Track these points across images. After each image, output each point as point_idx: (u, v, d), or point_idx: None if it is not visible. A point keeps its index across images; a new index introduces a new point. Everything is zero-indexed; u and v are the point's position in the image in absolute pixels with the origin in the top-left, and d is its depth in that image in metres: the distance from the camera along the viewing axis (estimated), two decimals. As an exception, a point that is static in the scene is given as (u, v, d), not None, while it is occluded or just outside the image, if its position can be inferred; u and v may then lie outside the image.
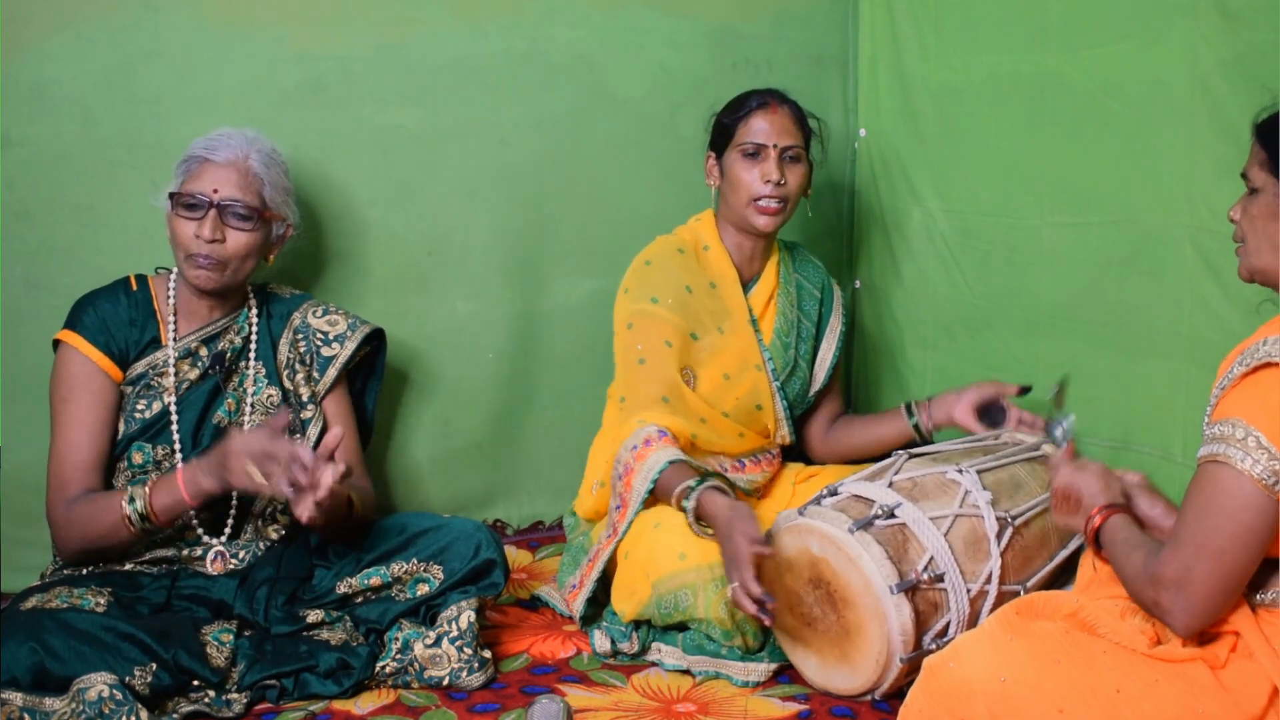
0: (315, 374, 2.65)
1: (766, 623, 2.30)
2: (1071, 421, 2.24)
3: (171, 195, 2.46)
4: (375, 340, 2.75)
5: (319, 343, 2.66)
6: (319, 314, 2.69)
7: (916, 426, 2.82)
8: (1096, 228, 2.69)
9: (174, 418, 2.50)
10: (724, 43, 3.25)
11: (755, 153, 2.73)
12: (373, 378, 2.79)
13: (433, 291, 3.09)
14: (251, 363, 2.60)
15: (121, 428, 2.49)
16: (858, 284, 3.41)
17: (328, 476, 2.24)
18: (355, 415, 2.73)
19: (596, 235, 3.07)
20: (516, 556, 3.02)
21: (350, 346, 2.67)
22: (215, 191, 2.46)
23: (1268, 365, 1.75)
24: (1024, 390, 2.70)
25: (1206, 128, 2.40)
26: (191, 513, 2.47)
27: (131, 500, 2.35)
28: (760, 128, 2.74)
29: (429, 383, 3.12)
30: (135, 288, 2.55)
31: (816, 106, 3.33)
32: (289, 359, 2.63)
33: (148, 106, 2.73)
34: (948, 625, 2.27)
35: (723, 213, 2.83)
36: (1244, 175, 1.90)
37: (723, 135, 2.79)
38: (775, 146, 2.72)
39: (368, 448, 2.80)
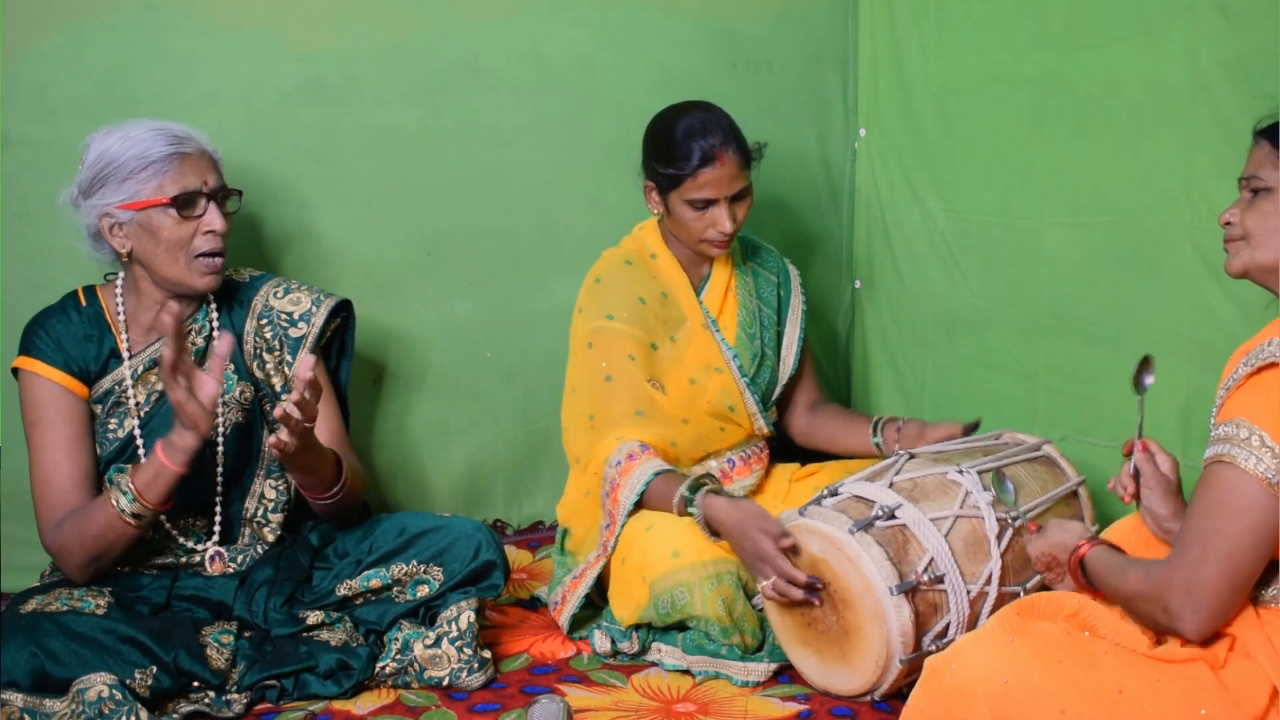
0: (287, 358, 2.56)
1: (817, 604, 2.29)
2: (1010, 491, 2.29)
3: (173, 200, 2.36)
4: (344, 313, 2.67)
5: (284, 324, 2.57)
6: (281, 294, 2.60)
7: (879, 446, 2.81)
8: (1096, 228, 2.69)
9: (139, 442, 2.44)
10: (724, 43, 3.24)
11: (705, 206, 2.64)
12: (344, 357, 2.70)
13: (433, 291, 3.09)
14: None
15: (97, 449, 2.45)
16: (857, 284, 3.40)
17: (303, 368, 2.21)
18: (335, 395, 2.65)
19: (596, 235, 3.06)
20: (516, 556, 3.02)
21: (318, 322, 2.58)
22: (205, 183, 2.41)
23: (1272, 365, 1.76)
24: (970, 429, 2.68)
25: (1206, 128, 2.40)
26: (175, 533, 2.47)
27: (117, 488, 2.31)
28: (710, 183, 2.60)
29: (428, 382, 3.12)
30: (85, 303, 2.49)
31: (816, 106, 3.36)
32: (256, 347, 2.56)
33: (148, 106, 2.71)
34: (947, 626, 2.27)
35: (668, 232, 2.78)
36: (1246, 179, 1.90)
37: (666, 180, 2.65)
38: (726, 198, 2.63)
39: (347, 432, 2.73)
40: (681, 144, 2.63)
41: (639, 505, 2.55)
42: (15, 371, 2.47)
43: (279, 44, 2.86)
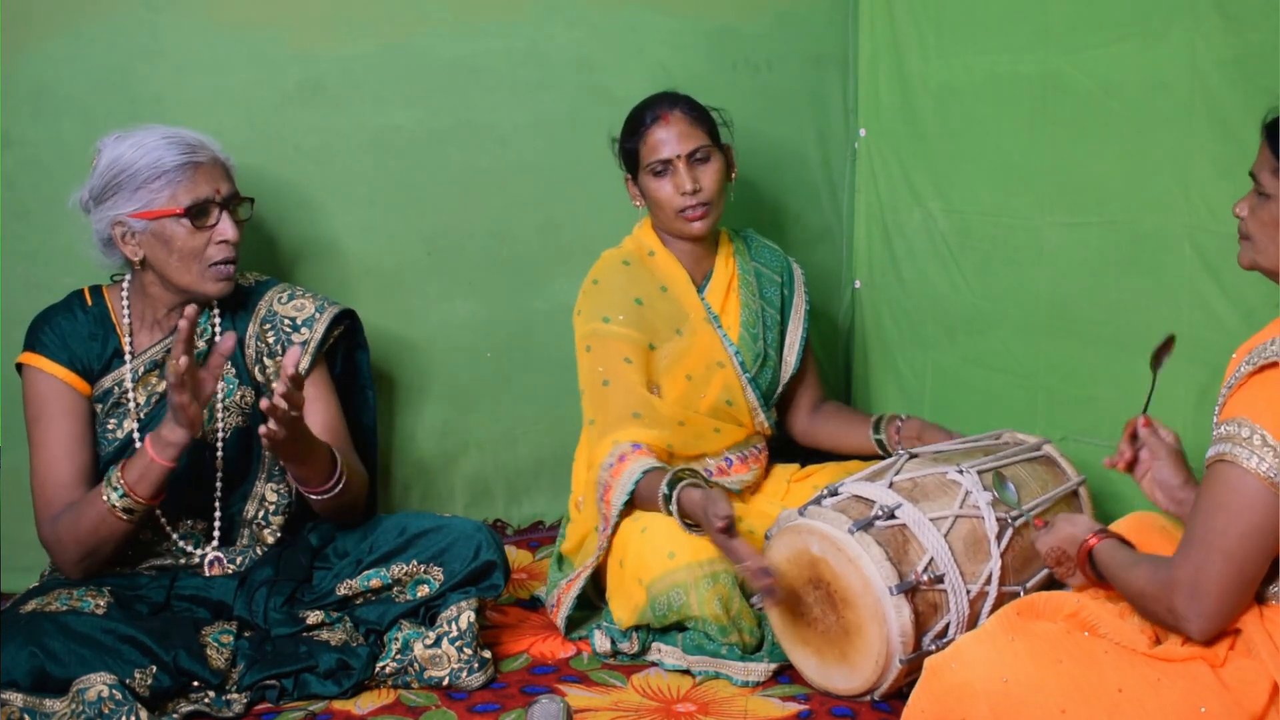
0: None
1: (771, 600, 2.30)
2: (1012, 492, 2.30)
3: (186, 210, 2.37)
4: (347, 320, 2.67)
5: (288, 330, 2.57)
6: (285, 300, 2.60)
7: (881, 443, 2.84)
8: (1096, 228, 2.69)
9: (137, 444, 2.43)
10: (724, 43, 3.25)
11: (663, 169, 2.71)
12: (358, 349, 2.71)
13: (433, 291, 3.09)
14: None
15: (97, 447, 2.45)
16: (858, 284, 3.40)
17: (289, 360, 2.21)
18: (339, 395, 2.64)
19: (596, 235, 3.06)
20: (516, 556, 3.02)
21: (320, 329, 2.58)
22: (218, 192, 2.42)
23: (1274, 365, 1.76)
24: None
25: (1206, 128, 2.41)
26: (175, 537, 2.47)
27: (108, 483, 2.31)
28: (660, 142, 2.70)
29: (429, 382, 3.12)
30: (91, 302, 2.49)
31: (816, 106, 3.36)
32: (258, 351, 2.56)
33: (148, 106, 2.72)
34: (947, 626, 2.27)
35: (657, 225, 2.82)
36: (1253, 175, 1.90)
37: (631, 160, 2.77)
38: (680, 156, 2.69)
39: (375, 422, 2.77)
40: (634, 118, 2.79)
41: (631, 505, 2.55)
42: (19, 367, 2.47)
43: (279, 44, 2.86)
